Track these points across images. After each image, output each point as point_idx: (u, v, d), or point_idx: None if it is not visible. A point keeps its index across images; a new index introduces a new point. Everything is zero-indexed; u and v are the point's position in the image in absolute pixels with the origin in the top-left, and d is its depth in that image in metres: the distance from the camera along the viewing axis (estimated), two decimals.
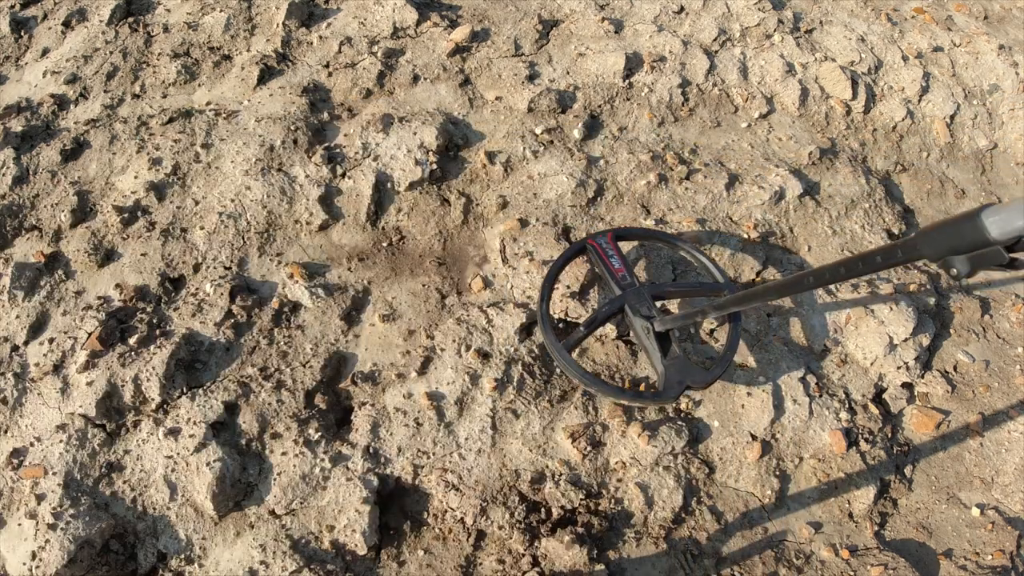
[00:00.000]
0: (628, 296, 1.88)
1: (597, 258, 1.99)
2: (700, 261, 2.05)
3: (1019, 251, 0.94)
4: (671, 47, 2.70)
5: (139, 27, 2.73)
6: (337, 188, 2.26)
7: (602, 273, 1.98)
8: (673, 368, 1.80)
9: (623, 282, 1.92)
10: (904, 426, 2.05)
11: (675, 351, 1.83)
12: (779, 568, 1.76)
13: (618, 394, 1.86)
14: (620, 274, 1.94)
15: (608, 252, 1.98)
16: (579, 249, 2.02)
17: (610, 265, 1.96)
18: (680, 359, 1.82)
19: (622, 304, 1.88)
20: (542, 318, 1.87)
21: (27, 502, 1.67)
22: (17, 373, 1.88)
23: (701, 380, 1.80)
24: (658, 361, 1.81)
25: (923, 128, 2.75)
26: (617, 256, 1.98)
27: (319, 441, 1.80)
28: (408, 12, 2.71)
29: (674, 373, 1.79)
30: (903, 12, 3.10)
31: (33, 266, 2.06)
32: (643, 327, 1.83)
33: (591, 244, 2.01)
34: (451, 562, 1.69)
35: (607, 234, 2.03)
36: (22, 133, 2.35)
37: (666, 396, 1.78)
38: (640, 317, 1.85)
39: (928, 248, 1.02)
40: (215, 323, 1.94)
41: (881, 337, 2.08)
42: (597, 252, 1.99)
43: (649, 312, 1.85)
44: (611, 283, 1.94)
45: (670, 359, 1.81)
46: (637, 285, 1.92)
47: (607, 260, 1.97)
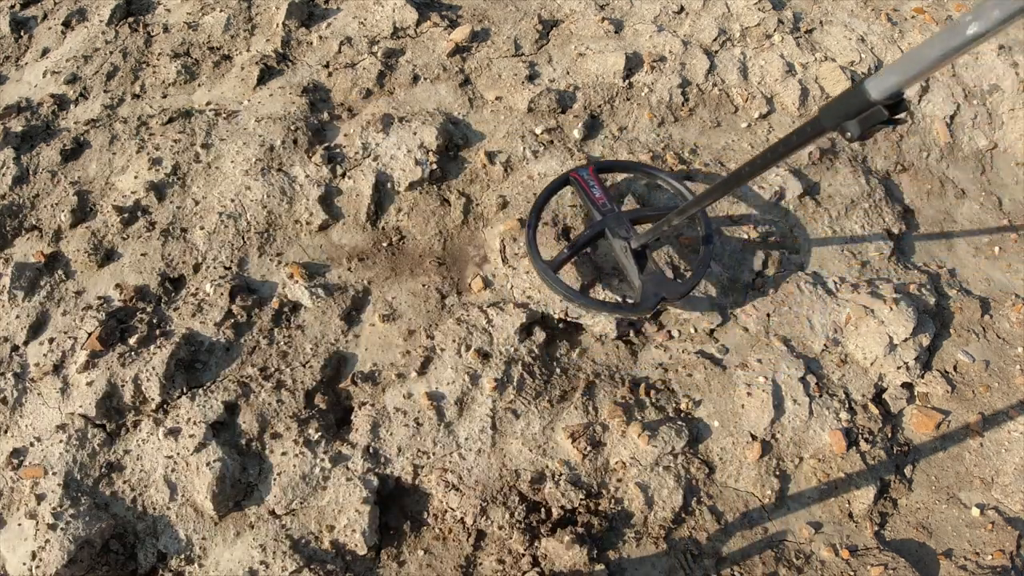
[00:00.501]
0: (608, 221, 2.05)
1: (579, 189, 2.14)
2: (674, 187, 2.20)
3: (900, 111, 1.10)
4: (671, 47, 2.70)
5: (139, 27, 2.73)
6: (337, 188, 2.26)
7: (584, 202, 2.14)
8: (649, 282, 1.96)
9: (603, 208, 2.08)
10: (904, 426, 2.05)
11: (651, 267, 1.99)
12: (779, 568, 1.76)
13: (599, 307, 2.01)
14: (601, 202, 2.10)
15: (589, 183, 2.14)
16: (563, 181, 2.17)
17: (591, 195, 2.11)
18: (656, 274, 1.98)
19: (602, 228, 2.04)
20: (529, 242, 2.03)
21: (27, 502, 1.67)
22: (17, 373, 1.88)
23: (675, 291, 1.96)
24: (635, 276, 1.97)
25: (923, 128, 2.75)
26: (598, 186, 2.13)
27: (319, 441, 1.80)
28: (408, 12, 2.71)
29: (650, 287, 1.95)
30: (903, 12, 3.10)
31: (33, 266, 2.06)
32: (621, 247, 2.00)
33: (573, 176, 2.16)
34: (451, 562, 1.69)
35: (588, 167, 2.19)
36: (22, 133, 2.35)
37: (643, 307, 1.95)
38: (619, 238, 2.01)
39: (827, 119, 1.20)
40: (215, 323, 1.94)
41: (881, 337, 2.08)
42: (579, 183, 2.14)
43: (627, 234, 2.01)
44: (593, 210, 2.09)
45: (646, 274, 1.97)
46: (617, 211, 2.07)
47: (588, 190, 2.12)
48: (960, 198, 2.64)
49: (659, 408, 1.93)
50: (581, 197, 2.15)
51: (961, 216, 2.58)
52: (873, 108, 1.10)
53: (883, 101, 1.08)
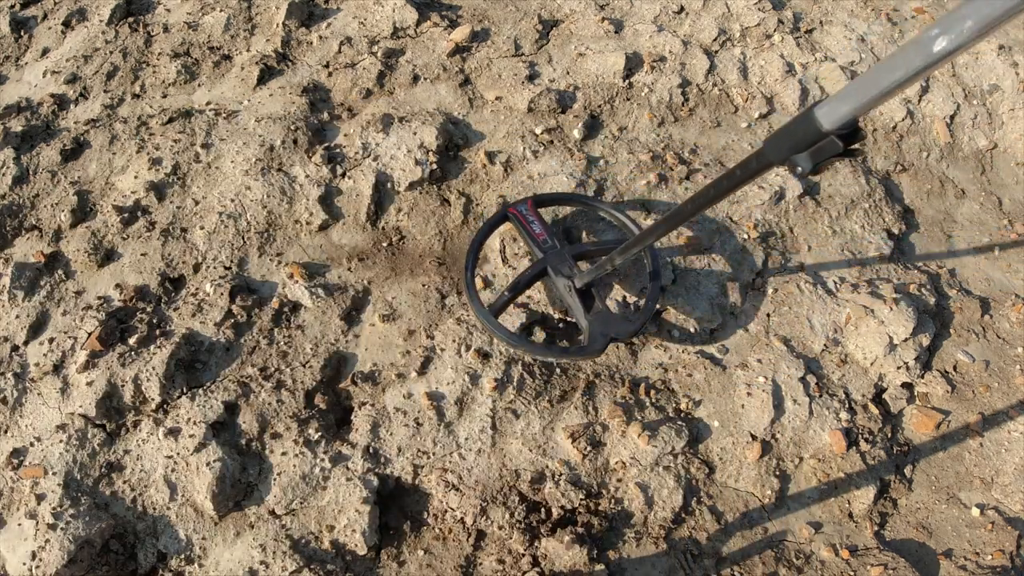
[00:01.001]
0: (550, 258, 1.96)
1: (519, 224, 2.06)
2: (618, 219, 2.13)
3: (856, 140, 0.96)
4: (671, 47, 2.70)
5: (139, 27, 2.73)
6: (337, 188, 2.26)
7: (524, 239, 2.06)
8: (597, 322, 1.87)
9: (544, 245, 2.00)
10: (904, 426, 2.05)
11: (598, 306, 1.90)
12: (779, 568, 1.76)
13: (544, 352, 1.92)
14: (541, 238, 2.02)
15: (528, 218, 2.06)
16: (501, 217, 2.10)
17: (531, 230, 2.04)
18: (603, 313, 1.89)
19: (544, 266, 1.96)
20: (468, 285, 1.94)
21: (27, 502, 1.67)
22: (17, 373, 1.88)
23: (624, 330, 1.87)
24: (582, 316, 1.88)
25: (923, 128, 2.75)
26: (538, 221, 2.06)
27: (319, 441, 1.80)
28: (408, 12, 2.71)
29: (598, 327, 1.86)
30: (903, 12, 3.10)
31: (33, 266, 2.06)
32: (565, 286, 1.92)
33: (512, 212, 2.08)
34: (451, 562, 1.69)
35: (527, 201, 2.11)
36: (22, 133, 2.35)
37: (590, 350, 1.84)
38: (562, 276, 1.93)
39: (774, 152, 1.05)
40: (215, 323, 1.94)
41: (881, 337, 2.08)
42: (518, 219, 2.06)
43: (570, 272, 1.93)
44: (533, 247, 2.01)
45: (593, 314, 1.88)
46: (558, 247, 1.99)
47: (528, 226, 2.05)
48: (960, 198, 2.64)
49: (659, 408, 1.93)
50: (520, 234, 2.06)
51: (961, 216, 2.58)
52: (825, 139, 0.95)
53: (836, 131, 0.94)
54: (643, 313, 1.94)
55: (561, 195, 2.22)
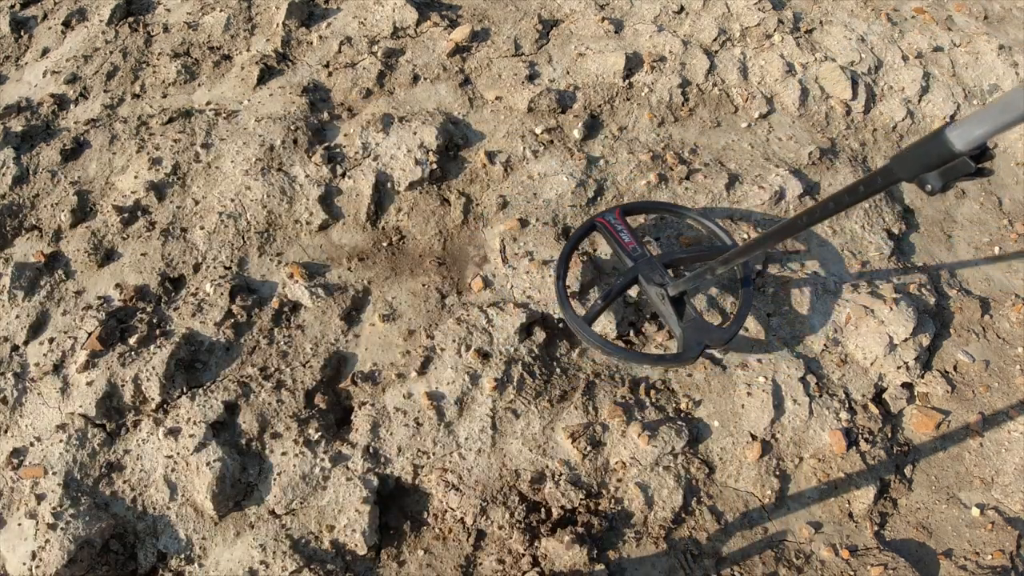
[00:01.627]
0: (640, 267, 1.95)
1: (608, 234, 2.05)
2: (707, 227, 2.11)
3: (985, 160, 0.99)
4: (671, 47, 2.70)
5: (139, 27, 2.73)
6: (337, 188, 2.26)
7: (613, 248, 2.05)
8: (691, 330, 1.86)
9: (634, 254, 1.99)
10: (904, 426, 2.05)
11: (690, 313, 1.89)
12: (779, 568, 1.76)
13: (641, 360, 1.92)
14: (631, 247, 2.01)
15: (617, 227, 2.05)
16: (589, 227, 2.08)
17: (620, 239, 2.03)
18: (696, 320, 1.88)
19: (635, 275, 1.95)
20: (560, 295, 1.93)
21: (27, 502, 1.67)
22: (17, 373, 1.88)
23: (719, 337, 1.86)
24: (675, 324, 1.88)
25: (923, 128, 2.75)
26: (626, 230, 2.04)
27: (319, 441, 1.80)
28: (408, 12, 2.71)
29: (692, 334, 1.86)
30: (903, 12, 3.10)
31: (33, 266, 2.06)
32: (657, 294, 1.91)
33: (600, 222, 2.07)
34: (451, 562, 1.69)
35: (615, 210, 2.09)
36: (22, 133, 2.35)
37: (686, 357, 1.85)
38: (654, 285, 1.92)
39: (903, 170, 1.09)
40: (215, 323, 1.94)
41: (881, 337, 2.08)
42: (607, 228, 2.05)
43: (662, 279, 1.92)
44: (623, 256, 2.01)
45: (686, 321, 1.88)
46: (648, 256, 1.98)
47: (617, 235, 2.04)
48: (960, 198, 2.64)
49: (659, 408, 1.93)
50: (610, 243, 2.06)
51: (961, 216, 2.58)
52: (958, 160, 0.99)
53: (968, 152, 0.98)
54: (736, 320, 1.92)
55: (649, 203, 2.22)
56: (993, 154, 1.02)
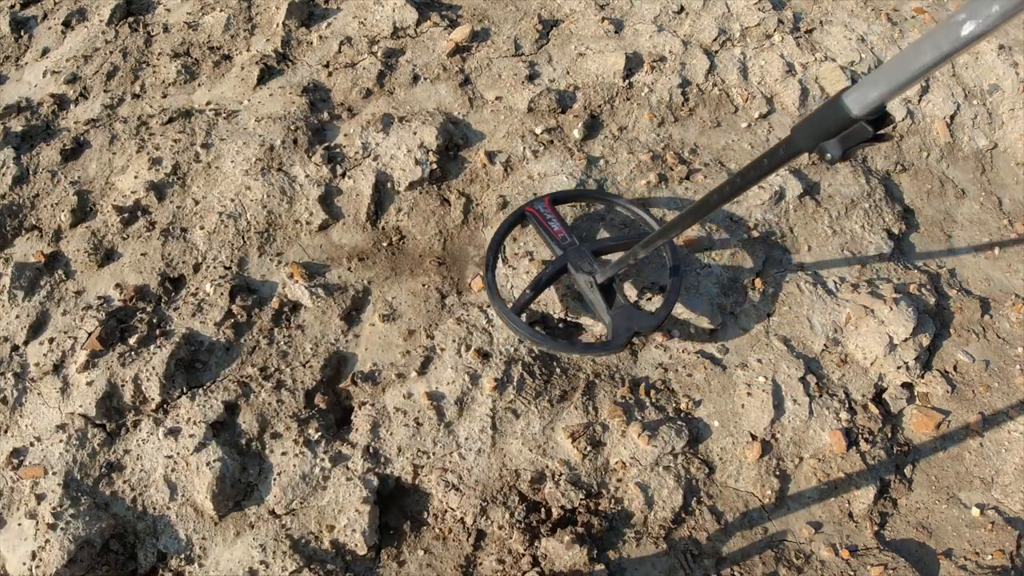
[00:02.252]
0: (569, 255, 1.96)
1: (536, 223, 2.06)
2: (636, 214, 2.12)
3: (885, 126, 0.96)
4: (671, 47, 2.70)
5: (139, 27, 2.73)
6: (337, 188, 2.26)
7: (543, 237, 2.06)
8: (620, 317, 1.87)
9: (563, 243, 2.00)
10: (904, 426, 2.05)
11: (620, 301, 1.90)
12: (779, 568, 1.76)
13: (568, 348, 1.92)
14: (560, 235, 2.01)
15: (546, 216, 2.06)
16: (519, 216, 2.09)
17: (549, 228, 2.03)
18: (625, 308, 1.89)
19: (564, 263, 1.95)
20: (488, 285, 1.95)
21: (27, 502, 1.67)
22: (17, 373, 1.88)
23: (647, 324, 1.87)
24: (604, 312, 1.88)
25: (923, 128, 2.75)
26: (556, 219, 2.05)
27: (319, 441, 1.80)
28: (408, 12, 2.71)
29: (621, 321, 1.86)
30: (903, 12, 3.10)
31: (33, 266, 2.06)
32: (586, 281, 1.91)
33: (529, 211, 2.08)
34: (451, 562, 1.69)
35: (544, 199, 2.11)
36: (22, 133, 2.35)
37: (614, 344, 1.85)
38: (582, 273, 1.92)
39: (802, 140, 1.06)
40: (215, 323, 1.94)
41: (881, 337, 2.08)
42: (536, 218, 2.06)
43: (591, 268, 1.92)
44: (552, 245, 2.01)
45: (616, 309, 1.88)
46: (577, 244, 1.99)
47: (546, 224, 2.04)
48: (960, 198, 2.64)
49: (659, 408, 1.93)
50: (539, 232, 2.06)
51: (961, 216, 2.58)
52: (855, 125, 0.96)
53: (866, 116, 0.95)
54: (665, 306, 1.93)
55: (577, 192, 2.22)
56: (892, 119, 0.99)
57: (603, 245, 2.05)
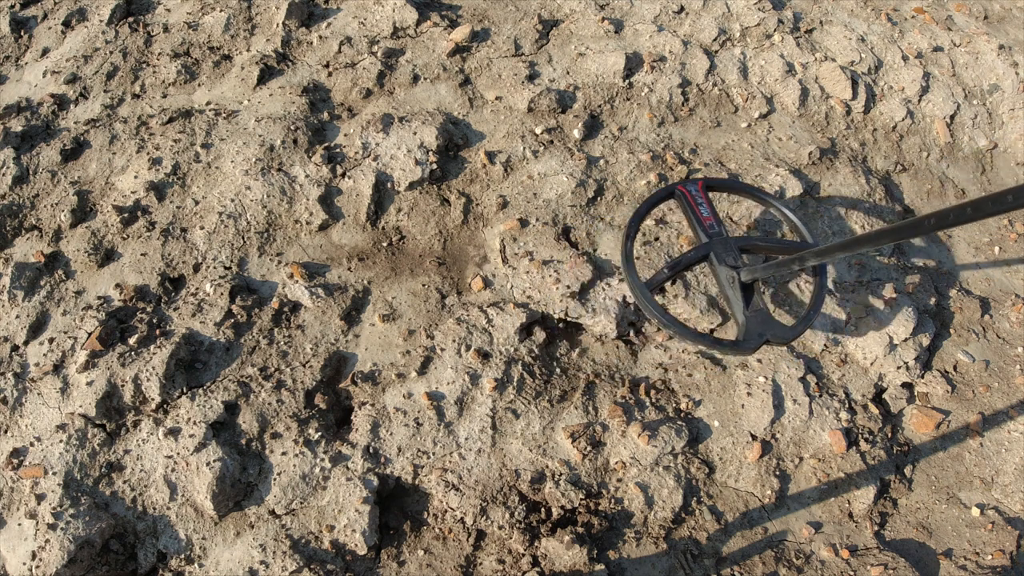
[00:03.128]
0: (715, 245, 1.87)
1: (686, 204, 1.96)
2: (790, 219, 2.01)
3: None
4: (671, 47, 2.70)
5: (139, 27, 2.73)
6: (337, 188, 2.26)
7: (689, 220, 1.96)
8: (755, 320, 1.78)
9: (710, 231, 1.91)
10: (904, 426, 2.05)
11: (757, 303, 1.80)
12: (779, 568, 1.76)
13: (696, 339, 1.82)
14: (708, 223, 1.92)
15: (697, 200, 1.97)
16: (667, 194, 1.99)
17: (699, 212, 1.94)
18: (762, 312, 1.80)
19: (708, 252, 1.86)
20: (625, 257, 1.84)
21: (27, 502, 1.67)
22: (17, 373, 1.88)
23: (781, 335, 1.77)
24: (740, 311, 1.79)
25: (923, 128, 2.75)
26: (706, 204, 1.96)
27: (319, 441, 1.80)
28: (408, 12, 2.71)
29: (755, 325, 1.77)
30: (903, 12, 3.10)
31: (33, 266, 2.06)
32: (728, 276, 1.82)
33: (681, 190, 1.98)
34: (451, 562, 1.69)
35: (698, 182, 2.01)
36: (22, 133, 2.35)
37: (745, 347, 1.76)
38: (725, 266, 1.83)
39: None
40: (215, 323, 1.94)
41: (881, 337, 2.08)
42: (686, 198, 1.97)
43: (735, 262, 1.83)
44: (698, 230, 1.92)
45: (752, 311, 1.79)
46: (725, 235, 1.89)
47: (696, 207, 1.95)
48: (960, 198, 2.64)
49: (659, 408, 1.93)
50: (686, 214, 1.96)
51: None
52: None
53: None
54: (803, 322, 1.83)
55: (735, 183, 2.10)
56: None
57: (751, 243, 1.93)
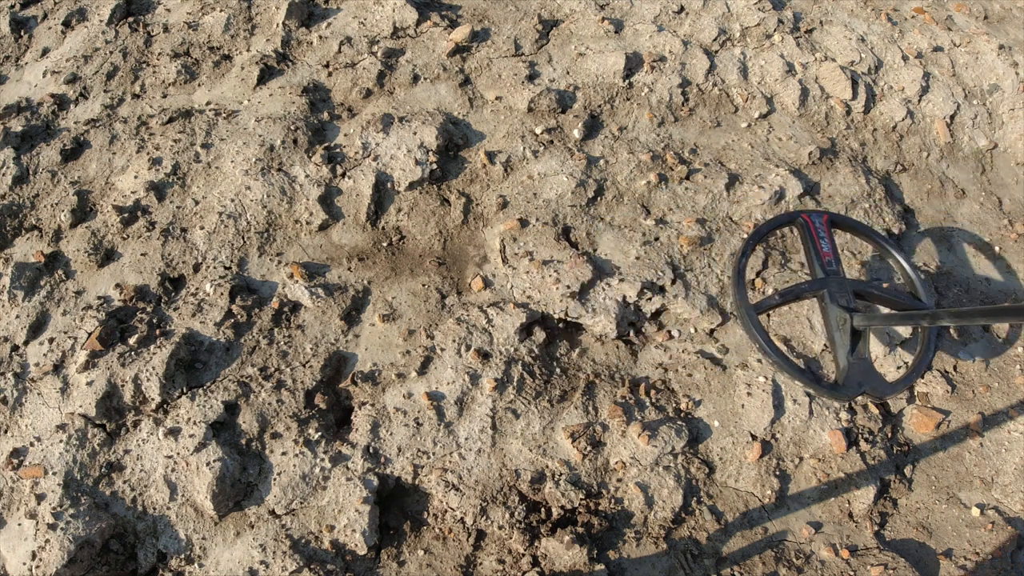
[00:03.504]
0: (831, 283, 1.84)
1: (807, 235, 1.94)
2: (907, 273, 1.97)
3: None
4: (671, 47, 2.70)
5: (139, 27, 2.73)
6: (337, 188, 2.26)
7: (807, 251, 1.93)
8: (856, 368, 1.74)
9: (828, 267, 1.88)
10: (904, 426, 2.05)
11: (862, 351, 1.76)
12: (779, 568, 1.76)
13: (796, 374, 1.77)
14: (827, 258, 1.90)
15: (820, 233, 1.94)
16: (789, 219, 1.97)
17: (819, 246, 1.92)
18: (865, 361, 1.75)
19: (822, 288, 1.83)
20: (736, 275, 1.80)
21: (27, 502, 1.67)
22: (17, 373, 1.88)
23: (880, 390, 1.73)
24: (844, 355, 1.75)
25: (923, 128, 2.75)
26: (828, 240, 1.94)
27: (319, 441, 1.80)
28: (408, 12, 2.71)
29: (856, 372, 1.73)
30: (903, 12, 3.10)
31: (33, 266, 2.06)
32: (839, 317, 1.78)
33: (804, 219, 1.95)
34: (451, 562, 1.69)
35: (823, 215, 1.98)
36: (22, 133, 2.35)
37: (842, 393, 1.72)
38: (837, 306, 1.79)
39: None
40: (215, 323, 1.94)
41: (881, 337, 2.08)
42: (809, 229, 1.94)
43: (848, 305, 1.79)
44: (815, 264, 1.89)
45: (856, 357, 1.75)
46: (842, 275, 1.86)
47: (817, 240, 1.93)
48: (960, 198, 2.64)
49: (659, 408, 1.93)
50: (805, 245, 1.93)
51: (961, 216, 2.58)
52: None
53: None
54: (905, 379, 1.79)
55: (860, 225, 2.07)
56: None
57: (867, 289, 1.90)
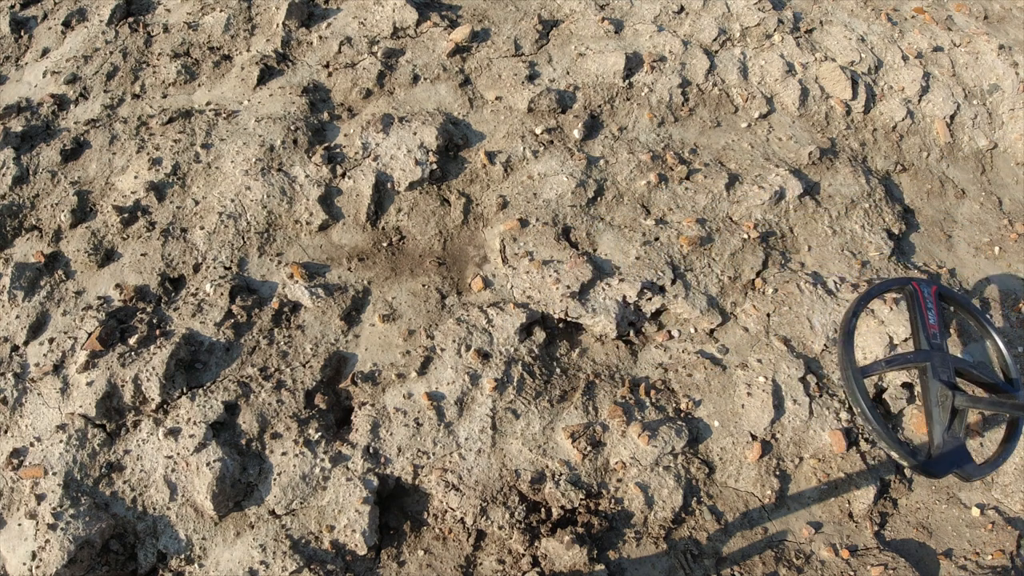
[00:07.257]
0: (934, 357, 1.83)
1: (915, 304, 1.93)
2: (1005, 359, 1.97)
3: None
4: (671, 47, 2.70)
5: (139, 27, 2.73)
6: (337, 188, 2.26)
7: (913, 320, 1.93)
8: (950, 447, 1.73)
9: (933, 340, 1.86)
10: (904, 426, 2.04)
11: (957, 429, 1.76)
12: (779, 568, 1.76)
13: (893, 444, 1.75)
14: (932, 331, 1.88)
15: (928, 304, 1.92)
16: (903, 283, 1.97)
17: (926, 317, 1.90)
18: (959, 441, 1.75)
19: (926, 361, 1.82)
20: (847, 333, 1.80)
21: (27, 502, 1.67)
22: (17, 373, 1.88)
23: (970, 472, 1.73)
24: (940, 432, 1.75)
25: (923, 128, 2.75)
26: (935, 313, 1.92)
27: (319, 441, 1.80)
28: (408, 12, 2.71)
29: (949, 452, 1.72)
30: (903, 12, 3.10)
31: (33, 266, 2.06)
32: (940, 393, 1.78)
33: (914, 287, 1.95)
34: (451, 562, 1.69)
35: (932, 286, 1.97)
36: (22, 133, 2.35)
37: (934, 470, 1.71)
38: (940, 382, 1.78)
39: None
40: (215, 323, 1.94)
41: (881, 337, 2.08)
42: (917, 298, 1.93)
43: (950, 381, 1.78)
44: (920, 335, 1.88)
45: (951, 435, 1.75)
46: (946, 350, 1.85)
47: (924, 311, 1.91)
48: (960, 198, 2.64)
49: (659, 408, 1.93)
50: (911, 313, 1.93)
51: (961, 216, 2.58)
52: None
53: None
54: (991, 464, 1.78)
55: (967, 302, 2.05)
56: None
57: (967, 369, 1.88)
